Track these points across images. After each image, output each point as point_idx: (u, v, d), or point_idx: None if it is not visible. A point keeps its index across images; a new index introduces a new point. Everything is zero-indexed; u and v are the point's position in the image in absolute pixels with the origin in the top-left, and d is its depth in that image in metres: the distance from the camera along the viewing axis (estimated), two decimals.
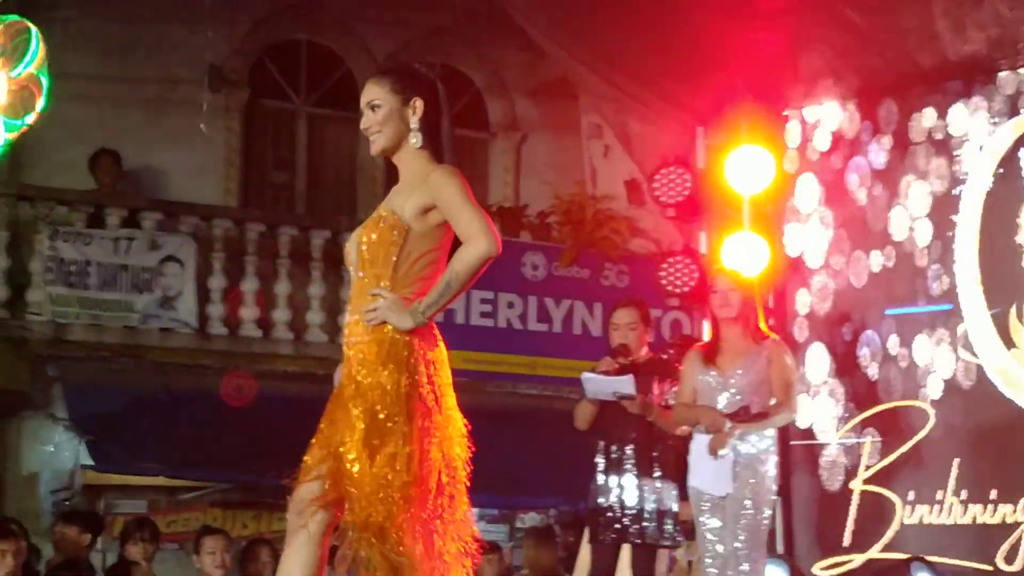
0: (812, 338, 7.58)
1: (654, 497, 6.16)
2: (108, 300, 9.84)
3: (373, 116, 3.79)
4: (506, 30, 10.45)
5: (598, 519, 6.30)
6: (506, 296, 10.68)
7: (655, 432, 6.19)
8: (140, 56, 11.12)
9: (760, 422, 5.92)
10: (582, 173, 11.34)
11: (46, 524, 8.84)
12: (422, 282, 3.72)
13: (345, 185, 12.04)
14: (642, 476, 6.15)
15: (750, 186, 7.69)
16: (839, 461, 7.32)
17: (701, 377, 6.07)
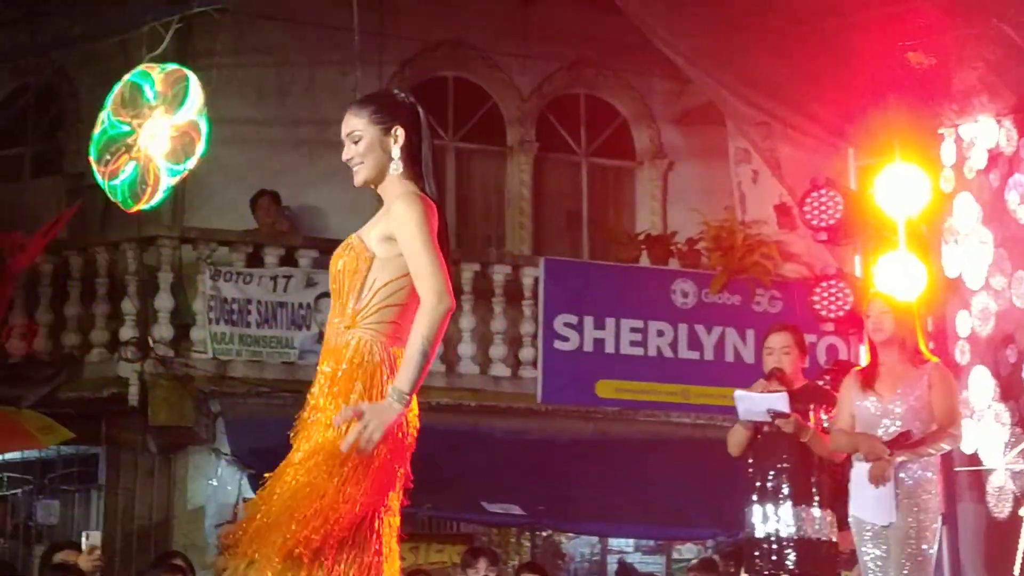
0: (974, 361, 7.37)
1: (812, 527, 6.05)
2: (267, 337, 10.06)
3: (355, 148, 3.73)
4: (650, 59, 10.44)
5: (754, 551, 6.22)
6: (656, 324, 10.64)
7: (811, 459, 6.08)
8: (294, 99, 11.41)
9: (922, 448, 5.79)
10: (731, 199, 11.23)
11: (211, 557, 9.04)
12: (387, 310, 3.58)
13: (493, 218, 12.15)
14: (799, 505, 6.04)
15: (905, 207, 7.53)
16: (1007, 487, 7.09)
17: (859, 403, 5.95)
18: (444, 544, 10.66)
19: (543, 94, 12.29)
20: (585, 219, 12.42)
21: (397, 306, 3.58)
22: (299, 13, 10.73)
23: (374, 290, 3.58)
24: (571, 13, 11.42)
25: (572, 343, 10.51)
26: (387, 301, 3.58)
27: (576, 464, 10.14)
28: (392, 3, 11.34)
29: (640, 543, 11.50)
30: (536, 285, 10.63)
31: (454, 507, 9.95)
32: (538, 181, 12.25)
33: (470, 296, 10.60)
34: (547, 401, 10.49)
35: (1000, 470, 7.14)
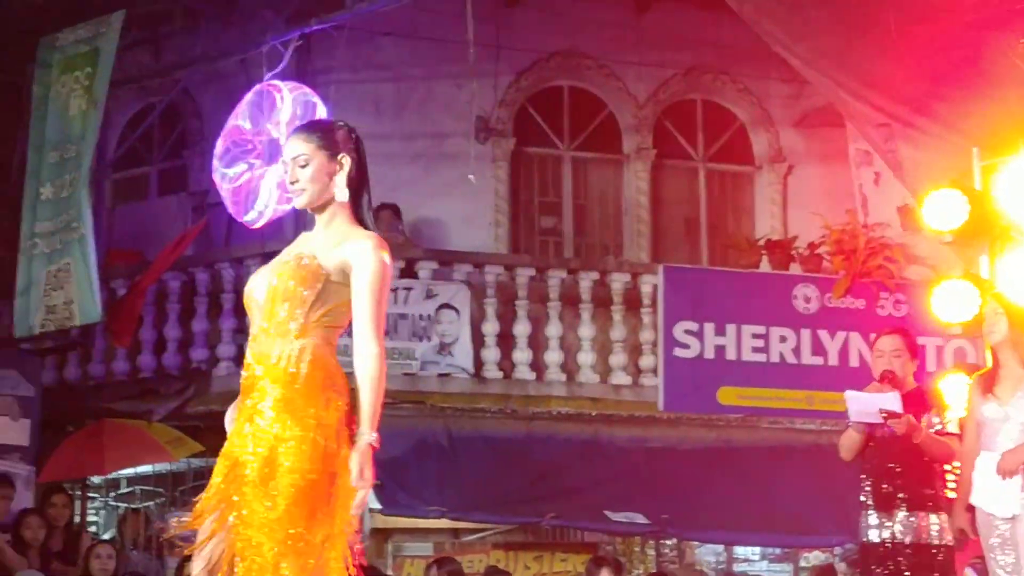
0: None
1: (927, 533, 6.00)
2: (389, 348, 10.12)
3: (301, 172, 3.82)
4: (766, 62, 10.44)
5: (869, 557, 6.19)
6: (778, 330, 10.60)
7: (925, 463, 6.04)
8: (411, 113, 11.58)
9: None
10: (852, 202, 11.15)
11: None
12: (326, 330, 3.75)
13: (611, 226, 12.19)
14: (913, 511, 5.98)
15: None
16: None
17: (982, 408, 5.90)
18: (568, 554, 10.75)
19: (659, 101, 12.31)
20: (704, 225, 12.41)
21: (333, 328, 3.78)
22: (415, 28, 10.91)
23: (324, 308, 3.73)
24: (685, 18, 11.45)
25: (693, 350, 10.51)
26: (329, 321, 3.75)
27: (699, 472, 10.15)
28: (507, 15, 11.48)
29: (766, 551, 11.46)
30: (655, 293, 10.65)
31: (577, 516, 10.02)
32: (656, 188, 12.27)
33: (589, 305, 10.67)
34: (669, 409, 10.51)
35: None
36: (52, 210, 9.95)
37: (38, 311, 9.87)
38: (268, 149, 9.08)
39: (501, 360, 10.49)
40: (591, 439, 10.46)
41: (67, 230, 9.80)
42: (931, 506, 6.05)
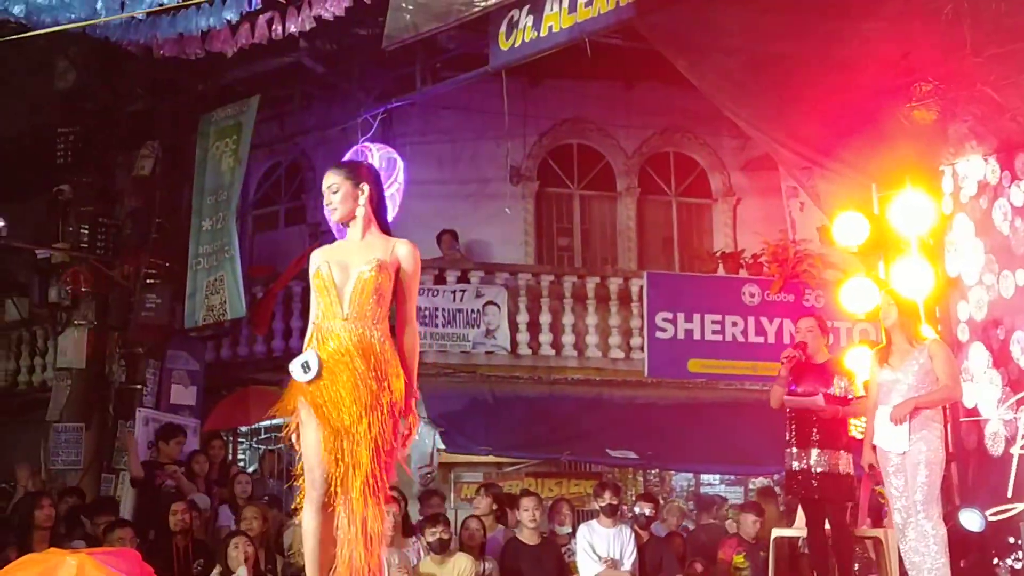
0: (972, 339, 7.13)
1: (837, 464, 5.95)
2: (449, 333, 10.26)
3: (333, 196, 3.79)
4: (720, 123, 10.38)
5: (791, 481, 6.16)
6: (731, 318, 10.56)
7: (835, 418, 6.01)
8: (463, 165, 11.60)
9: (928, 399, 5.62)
10: (784, 224, 11.08)
11: (416, 491, 9.25)
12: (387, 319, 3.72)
13: (608, 244, 12.15)
14: (825, 448, 5.95)
15: (916, 226, 7.34)
16: (999, 432, 6.84)
17: (880, 373, 5.85)
18: (580, 480, 10.73)
19: (642, 152, 12.27)
20: (676, 242, 12.36)
21: None
22: (467, 103, 10.92)
23: (387, 300, 3.73)
24: (661, 93, 11.38)
25: (669, 333, 10.48)
26: (386, 311, 3.74)
27: (675, 421, 10.12)
28: (532, 93, 11.47)
29: (724, 478, 11.40)
30: (641, 292, 10.62)
31: (586, 453, 10.02)
32: (640, 216, 12.23)
33: (593, 301, 10.66)
34: (652, 375, 10.48)
35: (994, 419, 6.90)
36: (210, 238, 10.03)
37: (201, 309, 9.94)
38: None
39: (530, 341, 10.50)
40: (596, 397, 10.44)
41: (221, 252, 9.87)
42: (838, 444, 6.01)
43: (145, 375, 10.04)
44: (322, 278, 3.71)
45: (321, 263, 3.75)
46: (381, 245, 3.77)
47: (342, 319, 3.67)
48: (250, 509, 7.08)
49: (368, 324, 3.66)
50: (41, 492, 7.56)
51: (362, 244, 3.79)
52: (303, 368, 3.64)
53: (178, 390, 10.24)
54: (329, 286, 3.70)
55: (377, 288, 3.68)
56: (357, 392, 3.59)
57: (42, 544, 6.28)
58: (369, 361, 3.63)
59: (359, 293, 3.67)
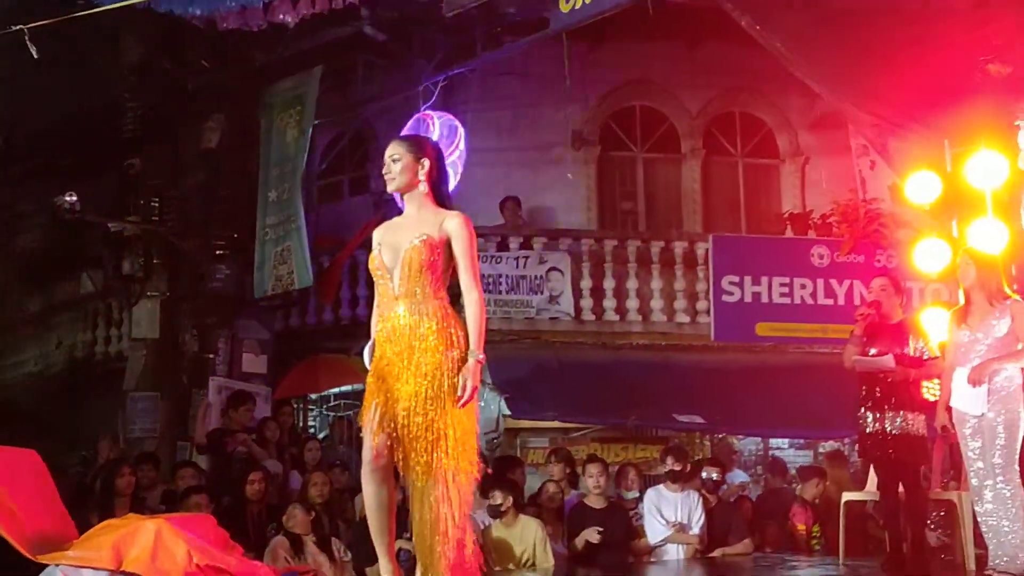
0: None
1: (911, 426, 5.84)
2: (513, 300, 10.27)
3: (394, 166, 3.87)
4: (787, 81, 10.16)
5: (866, 444, 6.06)
6: (799, 280, 10.42)
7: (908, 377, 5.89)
8: (524, 130, 11.57)
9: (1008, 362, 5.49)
10: (854, 183, 10.86)
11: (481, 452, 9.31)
12: (443, 291, 3.81)
13: (673, 207, 12.05)
14: (898, 410, 5.83)
15: (990, 183, 7.15)
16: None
17: (958, 334, 5.72)
18: (647, 445, 10.74)
19: (707, 113, 12.11)
20: (742, 204, 12.21)
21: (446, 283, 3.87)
22: (526, 69, 10.88)
23: (440, 273, 3.80)
24: (726, 51, 11.18)
25: (735, 296, 10.38)
26: (446, 278, 3.83)
27: (742, 385, 10.02)
28: (592, 55, 11.37)
29: (793, 442, 11.30)
30: (707, 255, 10.53)
31: (653, 418, 10.00)
32: (706, 178, 12.10)
33: (657, 265, 10.59)
34: (719, 340, 10.40)
35: None
36: (277, 209, 10.17)
37: (270, 279, 10.12)
38: None
39: (594, 306, 10.49)
40: (662, 363, 10.40)
41: (287, 222, 10.01)
42: (912, 406, 5.90)
43: (217, 344, 10.26)
44: (375, 261, 3.86)
45: (375, 246, 3.90)
46: (432, 220, 3.84)
47: (394, 297, 3.79)
48: (317, 475, 7.23)
49: (420, 299, 3.75)
50: (121, 459, 7.79)
51: (415, 220, 3.87)
52: (369, 352, 3.86)
53: (249, 359, 10.44)
54: (381, 268, 3.82)
55: (423, 263, 3.75)
56: (416, 367, 3.70)
57: (123, 510, 6.47)
58: (427, 337, 3.72)
59: (407, 270, 3.76)
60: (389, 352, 3.77)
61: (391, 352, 3.76)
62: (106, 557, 4.25)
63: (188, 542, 4.41)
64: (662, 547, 7.05)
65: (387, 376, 3.75)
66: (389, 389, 3.73)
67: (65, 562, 4.25)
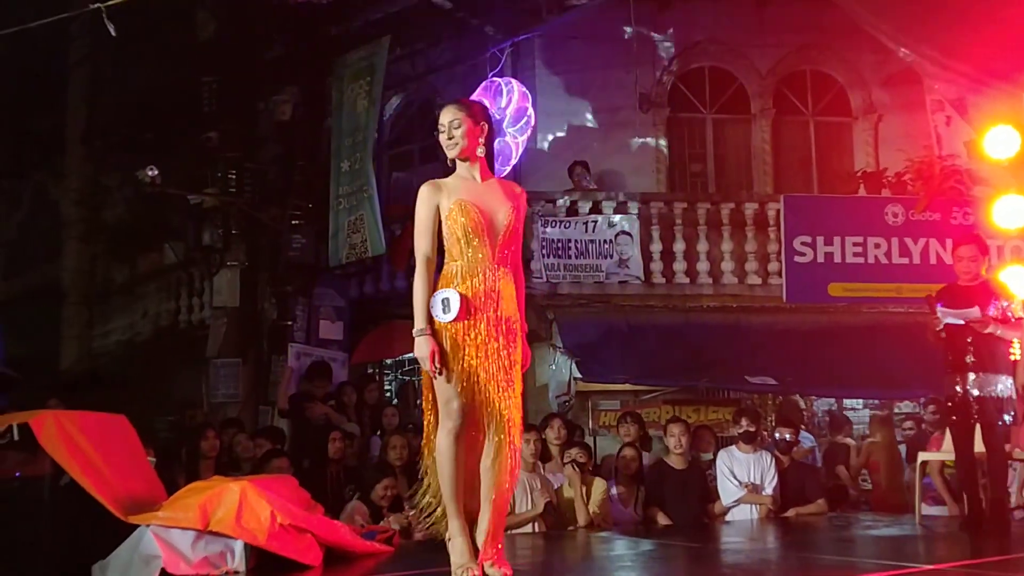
0: None
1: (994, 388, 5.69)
2: (583, 264, 10.24)
3: (456, 131, 3.86)
4: (859, 37, 9.91)
5: (948, 407, 5.92)
6: (873, 239, 10.20)
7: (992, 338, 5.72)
8: (593, 94, 11.45)
9: None
10: (929, 140, 10.54)
11: None
12: None
13: (743, 168, 11.85)
14: (981, 371, 5.69)
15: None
16: None
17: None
18: (719, 407, 10.65)
19: (777, 72, 11.86)
20: (814, 164, 11.95)
21: None
22: (594, 32, 10.76)
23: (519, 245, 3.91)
24: (795, 8, 10.94)
25: (808, 257, 10.20)
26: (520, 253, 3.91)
27: (814, 346, 9.88)
28: (660, 17, 11.22)
29: (867, 402, 11.11)
30: (778, 216, 10.35)
31: (725, 380, 9.90)
32: (776, 138, 11.87)
33: (728, 227, 10.44)
34: (791, 301, 10.25)
35: None
36: (349, 178, 10.27)
37: (344, 248, 10.24)
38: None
39: (664, 270, 10.40)
40: (733, 325, 10.29)
41: (360, 192, 10.10)
42: (995, 368, 5.74)
43: (295, 312, 10.44)
44: (470, 218, 3.78)
45: (461, 203, 3.80)
46: (507, 188, 3.91)
47: (489, 260, 3.78)
48: (396, 438, 7.34)
49: (508, 267, 3.82)
50: (205, 423, 8.01)
51: (489, 186, 3.89)
52: (443, 306, 3.71)
53: (326, 325, 10.60)
54: (478, 228, 3.78)
55: (517, 232, 3.84)
56: (499, 332, 3.73)
57: (208, 472, 6.68)
58: (510, 304, 3.79)
59: (506, 237, 3.80)
60: (474, 315, 3.73)
61: (484, 314, 3.73)
62: (193, 517, 4.38)
63: (271, 502, 4.52)
64: (735, 507, 7.02)
65: (476, 336, 3.71)
66: (479, 349, 3.70)
67: (155, 522, 4.39)
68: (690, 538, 5.98)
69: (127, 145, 12.61)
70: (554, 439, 7.11)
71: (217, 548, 4.39)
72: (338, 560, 4.73)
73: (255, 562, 4.43)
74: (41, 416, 4.66)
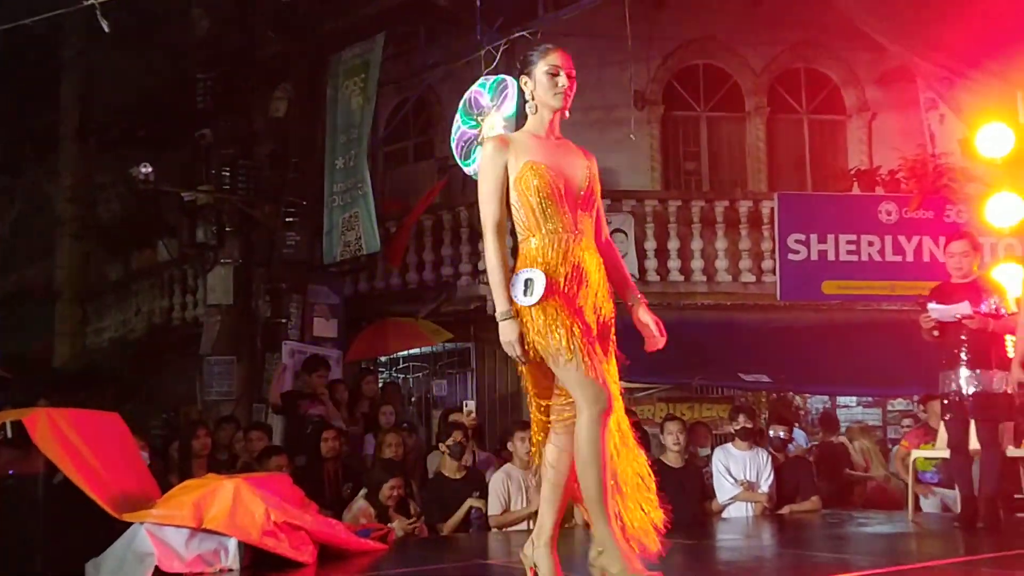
0: None
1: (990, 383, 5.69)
2: None
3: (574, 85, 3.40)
4: (853, 34, 9.89)
5: (944, 403, 5.92)
6: (867, 237, 10.23)
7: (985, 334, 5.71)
8: (588, 91, 11.29)
9: None
10: (923, 138, 10.56)
11: None
12: None
13: (737, 166, 11.87)
14: (975, 368, 5.65)
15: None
16: None
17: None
18: (713, 404, 10.66)
19: (771, 70, 11.87)
20: (808, 162, 11.97)
21: None
22: (590, 29, 10.70)
23: None
24: (790, 6, 10.92)
25: (802, 255, 10.22)
26: None
27: (808, 344, 9.90)
28: (655, 14, 11.20)
29: (861, 400, 11.13)
30: (772, 214, 10.36)
31: (719, 377, 9.92)
32: (770, 135, 11.88)
33: (722, 224, 10.45)
34: (785, 299, 10.26)
35: None
36: (344, 176, 10.24)
37: (338, 245, 10.21)
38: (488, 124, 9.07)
39: (658, 267, 10.41)
40: (727, 322, 10.30)
41: (354, 189, 10.08)
42: (990, 363, 5.73)
43: (289, 309, 10.40)
44: (544, 181, 3.26)
45: (533, 164, 3.28)
46: (576, 148, 3.44)
47: (574, 231, 3.28)
48: (391, 435, 7.32)
49: (592, 237, 3.35)
50: (198, 422, 7.97)
51: (563, 145, 3.41)
52: (525, 288, 3.20)
53: (320, 323, 10.57)
54: (554, 192, 3.26)
55: (596, 195, 3.37)
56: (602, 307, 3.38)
57: (200, 471, 6.66)
58: (602, 275, 3.38)
59: (585, 201, 3.32)
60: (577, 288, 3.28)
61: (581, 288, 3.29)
62: (187, 515, 4.37)
63: (265, 500, 4.51)
64: (731, 505, 7.01)
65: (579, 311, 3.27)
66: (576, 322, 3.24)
67: (149, 520, 4.37)
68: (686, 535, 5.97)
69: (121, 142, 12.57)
70: None
71: (211, 546, 4.37)
72: (332, 558, 4.71)
73: (249, 560, 4.41)
74: (34, 414, 4.64)
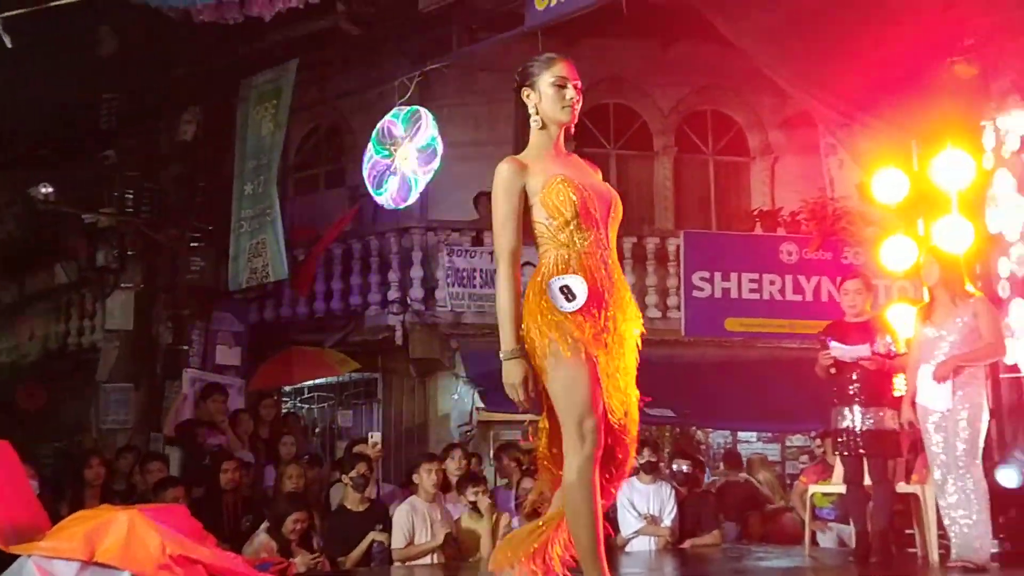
0: (1013, 295, 7.00)
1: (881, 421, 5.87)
2: (488, 294, 10.17)
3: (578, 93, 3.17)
4: (758, 80, 10.18)
5: (836, 439, 6.09)
6: (768, 276, 10.48)
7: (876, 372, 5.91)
8: (501, 126, 11.51)
9: (973, 358, 5.55)
10: (823, 181, 10.93)
11: None
12: None
13: (645, 203, 12.08)
14: (868, 406, 5.86)
15: (956, 182, 7.21)
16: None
17: (923, 331, 5.76)
18: None
19: (679, 111, 12.15)
20: (713, 201, 12.26)
21: None
22: (502, 64, 10.77)
23: None
24: (697, 50, 11.21)
25: (706, 292, 10.42)
26: None
27: (712, 379, 10.08)
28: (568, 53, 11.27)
29: (761, 435, 11.37)
30: (678, 251, 10.56)
31: None
32: (677, 175, 12.14)
33: (630, 260, 10.58)
34: (689, 334, 10.43)
35: None
36: (252, 201, 10.08)
37: (244, 272, 10.03)
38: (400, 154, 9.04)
39: None
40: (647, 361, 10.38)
41: (263, 215, 9.92)
42: (882, 401, 5.93)
43: (191, 336, 10.18)
44: (579, 196, 3.03)
45: (565, 178, 3.04)
46: (585, 163, 3.22)
47: (605, 249, 3.05)
48: (292, 467, 7.18)
49: (616, 253, 3.11)
50: (91, 451, 7.70)
51: (577, 163, 3.20)
52: (565, 295, 2.94)
53: (223, 351, 10.36)
54: (587, 206, 3.03)
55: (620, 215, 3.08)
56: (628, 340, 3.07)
57: (93, 501, 6.42)
58: (628, 292, 3.12)
59: (615, 221, 3.10)
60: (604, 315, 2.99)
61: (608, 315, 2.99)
62: (79, 548, 4.19)
63: (161, 533, 4.36)
64: (634, 539, 7.05)
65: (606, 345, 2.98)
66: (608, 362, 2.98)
67: (37, 552, 4.18)
68: None
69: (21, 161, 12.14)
70: (455, 469, 7.06)
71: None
72: None
73: None
74: None
